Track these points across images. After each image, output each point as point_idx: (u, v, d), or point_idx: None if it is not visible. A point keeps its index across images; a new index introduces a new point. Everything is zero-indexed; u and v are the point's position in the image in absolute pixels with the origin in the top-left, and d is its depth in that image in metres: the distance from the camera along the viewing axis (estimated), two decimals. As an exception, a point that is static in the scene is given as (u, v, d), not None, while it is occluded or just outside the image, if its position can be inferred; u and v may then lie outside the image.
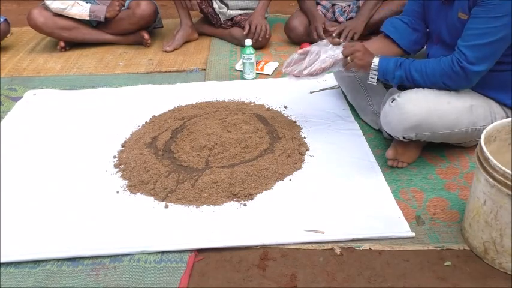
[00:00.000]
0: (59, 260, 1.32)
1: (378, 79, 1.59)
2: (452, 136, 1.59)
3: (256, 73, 2.43)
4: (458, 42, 1.48)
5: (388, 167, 1.67)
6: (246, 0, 2.81)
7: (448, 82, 1.51)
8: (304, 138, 1.84)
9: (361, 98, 1.95)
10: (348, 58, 1.60)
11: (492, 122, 1.54)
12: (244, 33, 2.63)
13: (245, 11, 2.83)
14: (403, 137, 1.57)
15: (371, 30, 2.61)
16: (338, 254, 1.32)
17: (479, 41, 1.43)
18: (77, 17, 2.70)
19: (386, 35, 1.78)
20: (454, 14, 1.55)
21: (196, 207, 1.49)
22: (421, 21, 1.75)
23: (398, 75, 1.55)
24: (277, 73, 2.47)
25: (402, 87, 1.61)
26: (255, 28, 2.63)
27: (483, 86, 1.55)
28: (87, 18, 2.71)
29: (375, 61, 1.57)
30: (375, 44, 1.78)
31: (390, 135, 1.67)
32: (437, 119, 1.52)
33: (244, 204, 1.50)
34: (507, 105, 1.61)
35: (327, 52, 1.66)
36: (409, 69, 1.53)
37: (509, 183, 1.13)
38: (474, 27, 1.44)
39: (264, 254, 1.33)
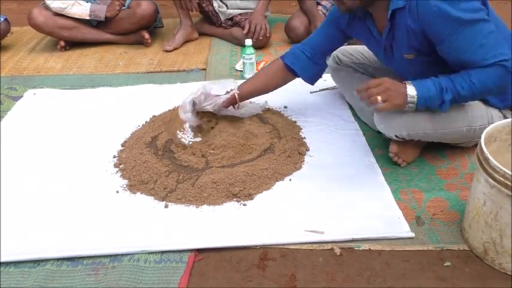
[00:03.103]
0: (58, 259, 1.32)
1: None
2: (447, 136, 1.59)
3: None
4: (473, 66, 1.39)
5: (388, 166, 1.67)
6: (244, 0, 2.82)
7: (504, 84, 1.42)
8: (304, 138, 1.84)
9: (359, 98, 1.94)
10: (379, 98, 1.40)
11: (488, 122, 1.54)
12: (244, 32, 2.64)
13: (245, 11, 2.83)
14: (396, 136, 1.58)
15: None
16: (338, 254, 1.32)
17: (483, 42, 1.36)
18: (77, 17, 2.70)
19: (287, 65, 1.80)
20: (398, 57, 1.57)
21: (196, 207, 1.49)
22: (322, 56, 1.80)
23: (448, 99, 1.40)
24: (277, 73, 2.47)
25: None
26: (255, 27, 2.64)
27: None
28: (88, 18, 2.71)
29: (411, 92, 1.42)
30: (270, 71, 1.84)
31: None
32: (427, 118, 1.51)
33: (244, 204, 1.50)
34: (501, 108, 1.61)
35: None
36: (456, 90, 1.40)
37: (509, 183, 1.13)
38: (466, 50, 1.38)
39: (264, 254, 1.33)
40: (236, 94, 1.79)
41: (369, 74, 1.96)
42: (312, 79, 1.87)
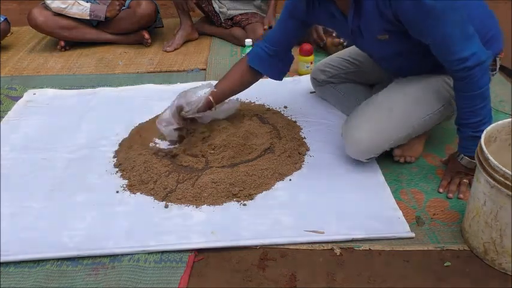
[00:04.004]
0: (58, 259, 1.32)
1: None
2: (416, 130, 1.58)
3: (257, 73, 2.43)
4: (448, 67, 1.39)
5: (388, 166, 1.66)
6: (243, 2, 2.82)
7: (486, 81, 1.40)
8: (305, 138, 1.84)
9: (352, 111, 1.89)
10: (466, 182, 1.53)
11: (450, 95, 1.53)
12: (265, 27, 2.68)
13: (245, 11, 2.84)
14: (366, 159, 1.60)
15: None
16: (338, 254, 1.32)
17: (459, 38, 1.33)
18: (77, 17, 2.70)
19: (250, 67, 1.76)
20: (369, 38, 1.51)
21: (196, 207, 1.49)
22: (286, 51, 1.77)
23: (480, 134, 1.30)
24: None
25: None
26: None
27: (434, 71, 1.53)
28: (88, 18, 2.71)
29: (468, 164, 1.50)
30: (236, 74, 1.78)
31: None
32: (385, 135, 1.54)
33: (244, 204, 1.50)
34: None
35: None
36: (476, 124, 1.43)
37: (509, 183, 1.13)
38: (443, 42, 1.34)
39: (264, 254, 1.33)
40: (210, 97, 1.73)
41: (347, 81, 1.96)
42: (278, 76, 1.83)
